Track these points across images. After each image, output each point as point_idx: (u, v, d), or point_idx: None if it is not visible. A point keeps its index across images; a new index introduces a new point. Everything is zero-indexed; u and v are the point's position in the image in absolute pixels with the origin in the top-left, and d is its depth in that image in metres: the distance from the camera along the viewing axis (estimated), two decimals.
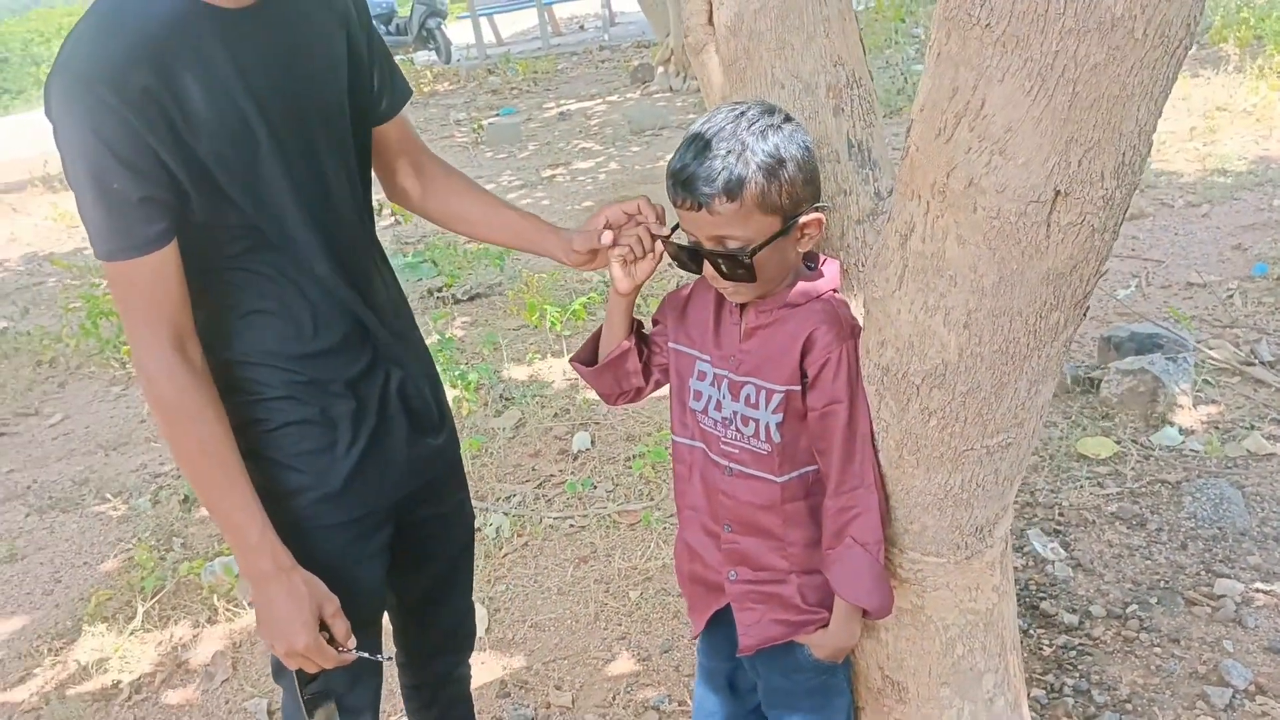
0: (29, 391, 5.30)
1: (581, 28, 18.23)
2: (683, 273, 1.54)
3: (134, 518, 3.84)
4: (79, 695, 2.91)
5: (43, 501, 4.13)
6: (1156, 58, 1.08)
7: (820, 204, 1.46)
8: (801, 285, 1.50)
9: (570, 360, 1.72)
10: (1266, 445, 3.15)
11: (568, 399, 4.25)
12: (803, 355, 1.47)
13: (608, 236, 1.56)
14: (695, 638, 1.79)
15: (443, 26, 16.02)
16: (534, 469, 3.79)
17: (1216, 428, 3.30)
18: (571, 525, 3.39)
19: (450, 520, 1.82)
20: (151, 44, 1.28)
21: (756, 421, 1.50)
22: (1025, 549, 2.84)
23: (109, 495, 4.07)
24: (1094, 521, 2.92)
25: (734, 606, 1.61)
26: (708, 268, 1.45)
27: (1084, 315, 1.36)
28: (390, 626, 1.90)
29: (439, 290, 5.70)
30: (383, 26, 16.02)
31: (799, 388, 1.48)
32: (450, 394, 4.27)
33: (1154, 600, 2.57)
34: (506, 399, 4.29)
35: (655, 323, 1.68)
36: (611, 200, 1.61)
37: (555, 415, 4.14)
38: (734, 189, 1.36)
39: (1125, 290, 4.41)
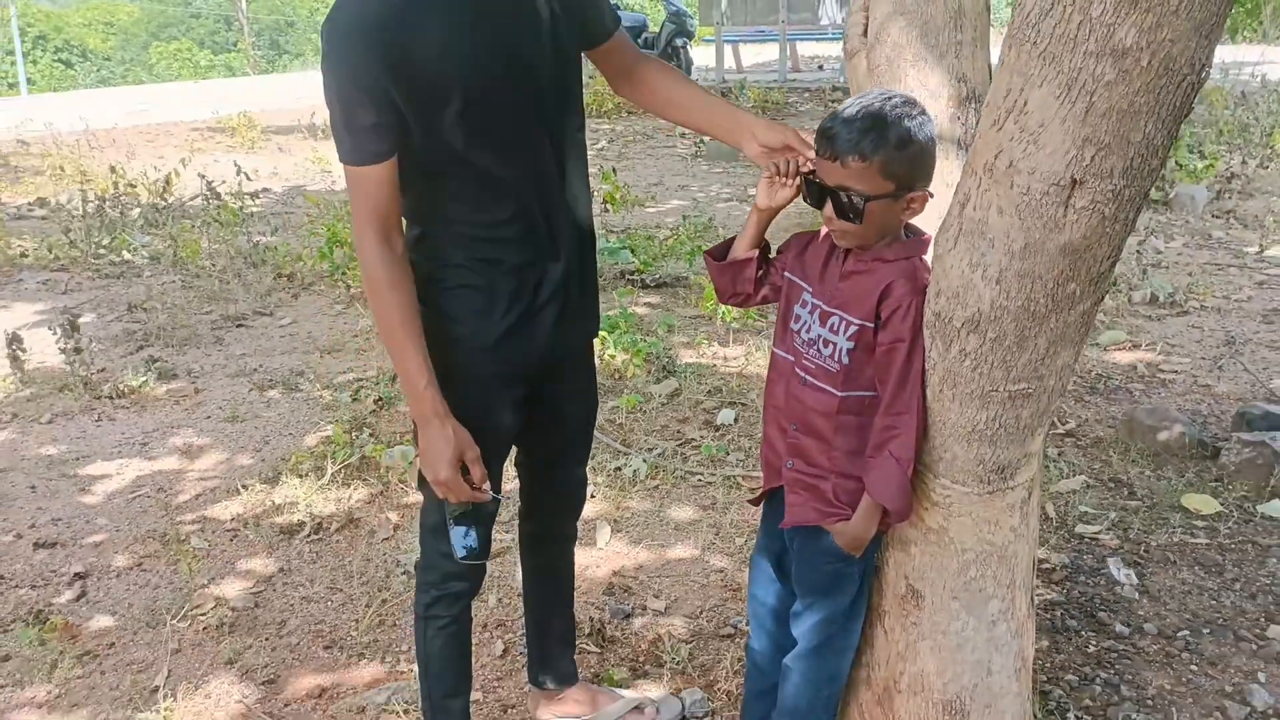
0: (268, 296, 6.11)
1: (820, 67, 18.65)
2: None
3: (336, 406, 4.47)
4: (270, 525, 3.51)
5: (264, 381, 4.83)
6: (1162, 85, 1.41)
7: (928, 188, 1.83)
8: (897, 246, 1.86)
9: (704, 252, 2.11)
10: None
11: (723, 380, 4.65)
12: (880, 299, 1.84)
13: (792, 137, 1.92)
14: (751, 501, 2.17)
15: (688, 46, 16.70)
16: (679, 431, 4.21)
17: None
18: (700, 480, 3.79)
19: (577, 397, 2.25)
20: (401, 5, 1.70)
21: (835, 345, 1.87)
22: (1102, 571, 3.07)
23: (318, 386, 4.73)
24: (1175, 562, 3.12)
25: (786, 489, 1.98)
26: (827, 206, 1.82)
27: (1102, 296, 1.68)
28: (519, 483, 2.36)
29: (631, 274, 6.21)
30: (632, 39, 16.78)
31: (872, 325, 1.84)
32: (619, 358, 4.75)
33: (1206, 631, 2.77)
34: (668, 370, 4.73)
35: (779, 251, 2.06)
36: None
37: (709, 391, 4.55)
38: (868, 151, 1.74)
39: None
